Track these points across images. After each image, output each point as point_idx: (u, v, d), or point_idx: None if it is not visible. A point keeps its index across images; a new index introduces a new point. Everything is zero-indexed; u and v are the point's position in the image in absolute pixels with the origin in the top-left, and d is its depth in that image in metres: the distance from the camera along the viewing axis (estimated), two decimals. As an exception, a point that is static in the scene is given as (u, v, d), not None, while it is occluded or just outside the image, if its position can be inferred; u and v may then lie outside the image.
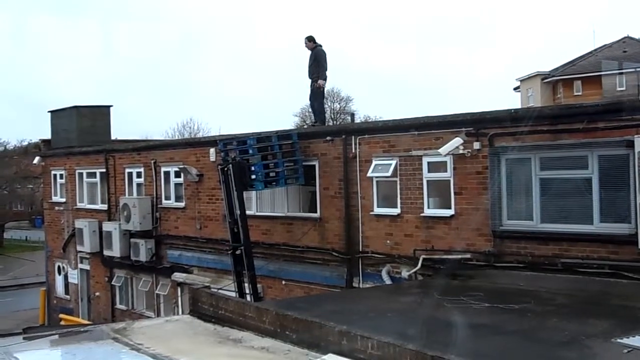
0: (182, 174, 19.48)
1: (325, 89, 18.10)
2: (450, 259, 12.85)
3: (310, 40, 17.40)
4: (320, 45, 17.40)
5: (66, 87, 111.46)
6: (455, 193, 13.02)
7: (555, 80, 48.18)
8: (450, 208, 13.12)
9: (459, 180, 12.95)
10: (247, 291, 15.25)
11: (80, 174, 24.93)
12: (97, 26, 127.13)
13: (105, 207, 23.46)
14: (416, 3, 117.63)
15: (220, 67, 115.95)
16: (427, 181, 13.57)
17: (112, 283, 23.19)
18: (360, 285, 14.60)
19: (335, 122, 58.38)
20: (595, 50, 49.73)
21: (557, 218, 11.67)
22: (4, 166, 61.79)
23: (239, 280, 15.33)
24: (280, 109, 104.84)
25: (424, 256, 13.29)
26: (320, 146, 15.72)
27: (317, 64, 17.31)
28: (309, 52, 17.49)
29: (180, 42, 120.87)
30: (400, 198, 14.00)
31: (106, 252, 22.51)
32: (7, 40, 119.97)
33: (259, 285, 15.74)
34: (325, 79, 17.44)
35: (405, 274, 13.54)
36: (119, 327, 10.34)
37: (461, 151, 12.69)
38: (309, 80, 17.47)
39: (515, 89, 54.21)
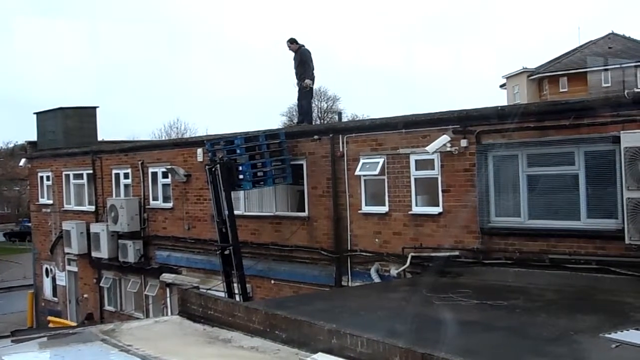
0: (169, 175, 19.42)
1: (314, 88, 18.05)
2: (438, 257, 12.88)
3: (292, 42, 17.27)
4: (303, 45, 17.32)
5: (52, 88, 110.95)
6: (443, 191, 13.05)
7: (541, 77, 48.41)
8: (438, 206, 13.14)
9: (446, 178, 12.98)
10: (236, 291, 15.22)
11: (67, 176, 24.81)
12: (82, 27, 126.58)
13: (92, 208, 23.36)
14: (404, 1, 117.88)
15: (207, 67, 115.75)
16: (415, 179, 13.59)
17: (101, 284, 23.09)
18: (350, 284, 14.61)
19: (322, 121, 58.43)
20: (580, 46, 50.02)
21: (544, 214, 11.72)
22: (-10, 168, 61.46)
23: (227, 280, 15.30)
24: (268, 108, 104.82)
25: (412, 254, 13.30)
26: (307, 145, 15.71)
27: (304, 65, 17.25)
28: (292, 55, 17.40)
29: (167, 42, 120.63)
30: (389, 196, 14.01)
31: (94, 254, 22.41)
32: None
33: (248, 285, 15.71)
34: (312, 79, 17.39)
35: (394, 272, 13.55)
36: (108, 329, 10.29)
37: (448, 149, 12.73)
38: (297, 82, 17.40)
39: (501, 86, 54.45)
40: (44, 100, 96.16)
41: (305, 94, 17.64)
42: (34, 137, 27.94)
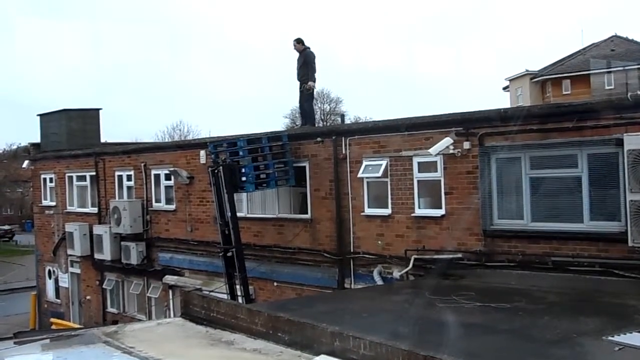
0: (172, 177, 19.44)
1: (315, 91, 18.12)
2: (441, 259, 12.87)
3: (299, 42, 17.38)
4: (309, 47, 17.40)
5: (53, 89, 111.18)
6: (445, 193, 13.04)
7: (544, 79, 48.41)
8: (441, 208, 13.13)
9: (449, 180, 12.97)
10: (239, 293, 15.22)
11: (70, 178, 24.84)
12: (82, 27, 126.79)
13: (95, 210, 23.38)
14: (406, 2, 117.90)
15: (208, 67, 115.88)
16: (418, 181, 13.59)
17: (103, 286, 23.10)
18: (352, 286, 14.60)
19: (325, 123, 58.42)
20: (583, 49, 50.00)
21: (547, 217, 11.71)
22: (-7, 170, 61.58)
23: (230, 282, 15.31)
24: (269, 109, 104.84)
25: (415, 256, 13.29)
26: (310, 147, 15.72)
27: (307, 66, 17.30)
28: (297, 55, 17.47)
29: (167, 43, 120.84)
30: (391, 198, 14.01)
31: (97, 256, 22.42)
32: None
33: (250, 287, 15.71)
34: (314, 81, 17.44)
35: (396, 274, 13.55)
36: (111, 331, 10.30)
37: (451, 151, 12.72)
38: (298, 83, 17.47)
39: (504, 88, 54.44)
40: (45, 101, 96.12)
41: (307, 96, 17.67)
42: (37, 139, 27.98)
